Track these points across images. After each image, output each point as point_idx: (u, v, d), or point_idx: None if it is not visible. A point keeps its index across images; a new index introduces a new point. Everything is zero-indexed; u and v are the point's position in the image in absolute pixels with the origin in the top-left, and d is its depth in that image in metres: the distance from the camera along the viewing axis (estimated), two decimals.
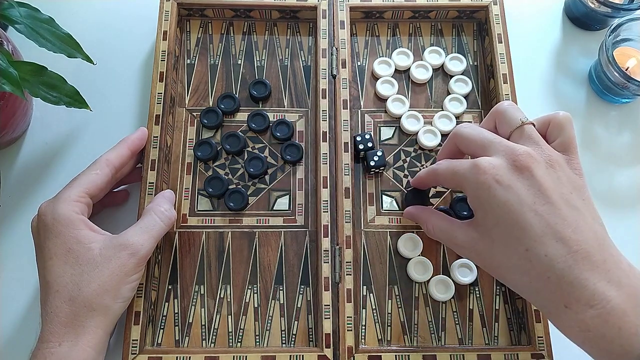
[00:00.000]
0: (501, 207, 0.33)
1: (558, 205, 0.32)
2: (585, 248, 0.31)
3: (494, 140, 0.36)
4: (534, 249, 0.32)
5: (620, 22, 0.51)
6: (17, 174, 0.50)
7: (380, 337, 0.44)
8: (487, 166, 0.34)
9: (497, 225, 0.34)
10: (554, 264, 0.31)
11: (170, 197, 0.45)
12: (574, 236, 0.32)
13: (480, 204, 0.35)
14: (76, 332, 0.37)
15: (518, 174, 0.33)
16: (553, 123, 0.36)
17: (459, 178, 0.36)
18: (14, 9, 0.42)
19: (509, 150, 0.34)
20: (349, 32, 0.52)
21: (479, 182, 0.34)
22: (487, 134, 0.37)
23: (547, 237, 0.32)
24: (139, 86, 0.54)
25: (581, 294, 0.31)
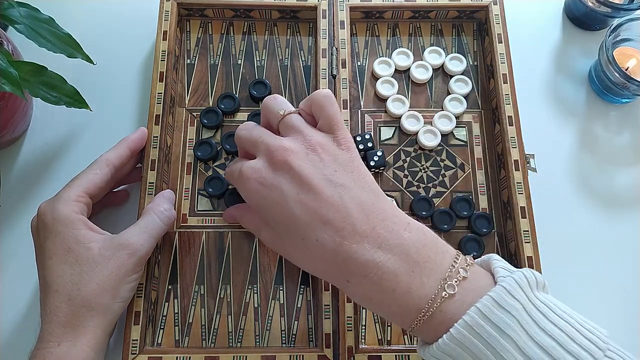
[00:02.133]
0: (271, 206, 0.35)
1: (319, 189, 0.33)
2: (351, 222, 0.32)
3: (257, 139, 0.37)
4: (307, 237, 0.33)
5: (620, 22, 0.51)
6: (17, 174, 0.50)
7: (380, 337, 0.44)
8: (249, 172, 0.36)
9: (275, 223, 0.36)
10: (326, 246, 0.33)
11: (170, 197, 0.45)
12: (337, 214, 0.33)
13: (256, 206, 0.36)
14: (75, 332, 0.37)
15: (278, 171, 0.35)
16: (313, 105, 0.37)
17: (234, 183, 0.39)
18: (14, 9, 0.42)
19: (267, 149, 0.36)
20: (349, 32, 0.52)
21: (246, 188, 0.36)
22: (255, 133, 0.38)
23: (315, 223, 0.33)
24: (139, 86, 0.54)
25: (355, 267, 0.32)
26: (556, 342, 0.29)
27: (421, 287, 0.31)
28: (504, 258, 0.47)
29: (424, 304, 0.31)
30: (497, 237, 0.48)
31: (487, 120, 0.52)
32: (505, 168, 0.48)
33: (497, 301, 0.29)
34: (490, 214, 0.48)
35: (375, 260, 0.32)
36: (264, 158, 0.36)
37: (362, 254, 0.32)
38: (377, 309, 0.33)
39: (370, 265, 0.32)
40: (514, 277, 0.30)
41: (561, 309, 0.31)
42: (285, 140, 0.36)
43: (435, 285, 0.31)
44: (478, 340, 0.29)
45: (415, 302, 0.31)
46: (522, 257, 0.44)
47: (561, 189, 0.51)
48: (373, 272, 0.32)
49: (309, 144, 0.35)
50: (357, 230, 0.32)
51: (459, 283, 0.31)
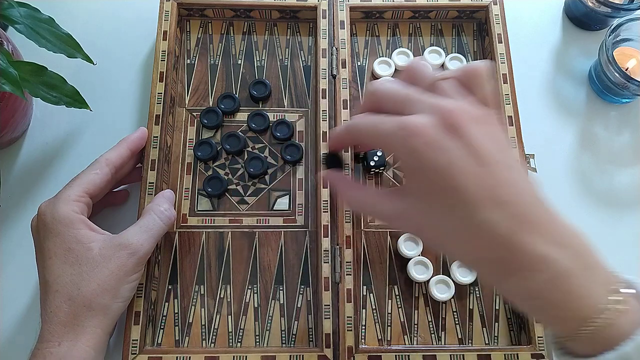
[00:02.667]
0: (435, 172, 0.29)
1: (494, 165, 0.29)
2: (525, 210, 0.29)
3: (415, 95, 0.31)
4: (473, 216, 0.28)
5: (620, 22, 0.51)
6: (17, 174, 0.50)
7: (380, 337, 0.44)
8: (415, 127, 0.29)
9: (431, 192, 0.30)
10: (496, 230, 0.28)
11: (170, 197, 0.45)
12: (513, 198, 0.29)
13: (411, 169, 0.31)
14: (75, 332, 0.37)
15: (450, 133, 0.29)
16: (473, 75, 0.32)
17: (384, 139, 0.31)
18: (14, 9, 0.42)
19: (438, 106, 0.30)
20: (349, 32, 0.52)
21: (407, 146, 0.29)
22: (409, 89, 0.32)
23: (486, 201, 0.28)
24: (139, 86, 0.54)
25: (527, 259, 0.28)
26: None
27: (591, 295, 0.28)
28: None
29: (594, 314, 0.28)
30: None
31: None
32: None
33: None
34: None
35: (551, 256, 0.28)
36: (433, 116, 0.29)
37: (537, 246, 0.28)
38: (539, 311, 0.30)
39: (546, 260, 0.28)
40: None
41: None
42: (454, 101, 0.30)
43: (605, 293, 0.28)
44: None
45: (584, 309, 0.28)
46: None
47: (561, 189, 0.51)
48: (545, 268, 0.28)
49: (475, 113, 0.30)
50: (531, 220, 0.28)
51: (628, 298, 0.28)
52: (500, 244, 0.28)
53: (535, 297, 0.29)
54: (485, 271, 0.31)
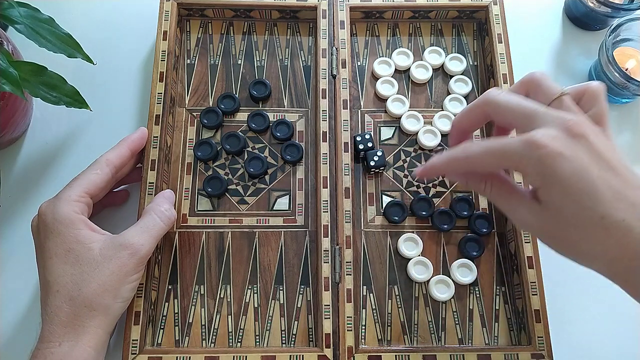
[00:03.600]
0: (569, 178, 0.31)
1: (619, 169, 0.31)
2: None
3: (539, 109, 0.33)
4: (609, 215, 0.30)
5: (620, 22, 0.51)
6: (17, 174, 0.50)
7: (380, 337, 0.44)
8: (545, 140, 0.31)
9: (566, 198, 0.32)
10: (633, 228, 0.30)
11: (170, 197, 0.45)
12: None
13: (545, 180, 0.32)
14: (76, 332, 0.37)
15: (576, 142, 0.31)
16: (588, 94, 0.35)
17: (512, 158, 0.33)
18: (14, 9, 0.42)
19: (560, 119, 0.32)
20: (349, 32, 0.52)
21: (540, 158, 0.31)
22: (529, 102, 0.34)
23: (620, 201, 0.30)
24: (139, 86, 0.54)
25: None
26: None
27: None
28: (504, 258, 0.47)
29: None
30: (497, 237, 0.48)
31: None
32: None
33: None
34: (490, 214, 0.48)
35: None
36: (557, 128, 0.32)
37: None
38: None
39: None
40: None
41: None
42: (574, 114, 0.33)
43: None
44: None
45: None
46: (522, 257, 0.44)
47: None
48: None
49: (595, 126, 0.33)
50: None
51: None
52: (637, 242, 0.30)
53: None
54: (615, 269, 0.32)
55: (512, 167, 0.35)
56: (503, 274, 0.47)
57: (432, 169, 0.38)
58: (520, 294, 0.44)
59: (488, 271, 0.47)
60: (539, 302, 0.43)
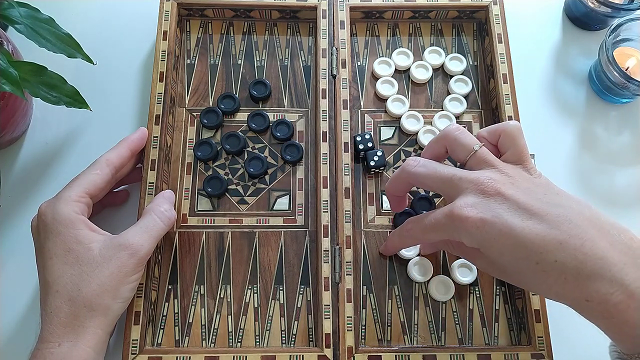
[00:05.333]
0: (497, 239, 0.33)
1: (542, 212, 0.33)
2: (589, 237, 0.32)
3: (452, 177, 0.36)
4: (542, 260, 0.32)
5: (620, 22, 0.51)
6: (17, 174, 0.50)
7: (380, 337, 0.44)
8: (467, 211, 0.34)
9: (502, 256, 0.34)
10: (566, 265, 0.31)
11: (170, 197, 0.45)
12: (573, 232, 0.32)
13: (479, 244, 0.35)
14: (76, 332, 0.37)
15: (494, 202, 0.34)
16: (504, 135, 0.37)
17: (446, 232, 0.36)
18: (14, 9, 0.42)
19: (474, 183, 0.35)
20: (349, 32, 0.52)
21: (467, 228, 0.34)
22: (444, 170, 0.37)
23: (550, 245, 0.32)
24: (139, 86, 0.54)
25: (599, 284, 0.31)
26: None
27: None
28: None
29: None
30: None
31: (487, 120, 0.52)
32: None
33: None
34: None
35: (623, 278, 0.30)
36: (472, 193, 0.34)
37: (608, 269, 0.31)
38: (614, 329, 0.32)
39: (618, 282, 0.30)
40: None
41: None
42: (488, 172, 0.35)
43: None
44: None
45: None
46: None
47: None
48: (621, 290, 0.30)
49: (507, 176, 0.35)
50: (596, 245, 0.31)
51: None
52: (575, 276, 0.31)
53: (610, 317, 0.31)
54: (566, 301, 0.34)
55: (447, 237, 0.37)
56: None
57: (389, 247, 0.45)
58: (520, 294, 0.44)
59: None
60: (539, 302, 0.43)
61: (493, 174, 0.35)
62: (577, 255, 0.31)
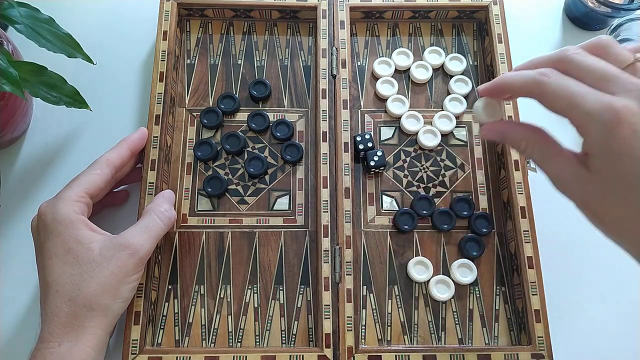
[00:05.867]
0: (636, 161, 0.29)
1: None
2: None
3: (620, 75, 0.31)
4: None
5: (620, 22, 0.51)
6: (17, 174, 0.50)
7: (380, 337, 0.44)
8: (625, 112, 0.29)
9: (622, 178, 0.29)
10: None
11: (170, 197, 0.45)
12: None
13: (606, 150, 0.30)
14: (76, 332, 0.37)
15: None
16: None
17: (582, 116, 0.30)
18: (14, 9, 0.42)
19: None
20: (349, 32, 0.52)
21: (612, 127, 0.29)
22: (609, 65, 0.31)
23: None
24: (139, 86, 0.54)
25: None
26: None
27: None
28: (504, 258, 0.47)
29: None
30: (497, 237, 0.48)
31: None
32: (505, 168, 0.48)
33: None
34: (490, 214, 0.48)
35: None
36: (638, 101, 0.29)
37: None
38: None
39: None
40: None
41: None
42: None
43: None
44: None
45: None
46: (522, 257, 0.44)
47: None
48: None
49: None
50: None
51: None
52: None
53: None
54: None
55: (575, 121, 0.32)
56: (503, 274, 0.47)
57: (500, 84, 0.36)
58: (520, 294, 0.44)
59: (488, 271, 0.47)
60: (539, 302, 0.43)
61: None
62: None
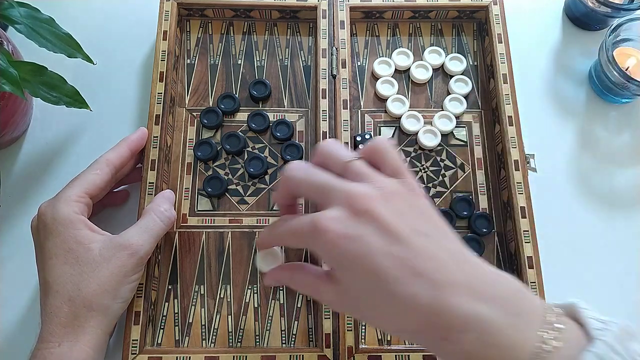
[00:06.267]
0: (354, 261, 0.31)
1: (408, 240, 0.30)
2: (445, 273, 0.30)
3: (326, 184, 0.33)
4: (396, 292, 0.30)
5: (620, 22, 0.51)
6: (17, 174, 0.50)
7: (380, 337, 0.44)
8: (329, 224, 0.31)
9: (356, 280, 0.31)
10: (419, 300, 0.29)
11: (170, 197, 0.45)
12: (430, 265, 0.30)
13: (334, 262, 0.32)
14: (75, 332, 0.37)
15: (361, 220, 0.31)
16: (374, 151, 0.35)
17: (303, 240, 0.34)
18: (14, 9, 0.42)
19: (346, 196, 0.32)
20: (349, 32, 0.52)
21: (324, 242, 0.31)
22: (321, 177, 0.34)
23: (406, 276, 0.29)
24: (139, 86, 0.54)
25: (453, 321, 0.29)
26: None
27: (524, 341, 0.28)
28: (504, 258, 0.47)
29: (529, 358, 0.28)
30: (497, 237, 0.48)
31: (487, 120, 0.52)
32: (505, 168, 0.48)
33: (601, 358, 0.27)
34: (490, 214, 0.48)
35: (477, 313, 0.29)
36: (341, 206, 0.31)
37: (461, 306, 0.29)
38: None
39: (471, 318, 0.28)
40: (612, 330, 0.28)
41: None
42: (362, 186, 0.32)
43: (536, 338, 0.28)
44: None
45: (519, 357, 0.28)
46: (522, 257, 0.44)
47: (561, 189, 0.51)
48: (474, 327, 0.28)
49: (383, 191, 0.32)
50: (453, 281, 0.29)
51: (558, 336, 0.28)
52: (427, 312, 0.29)
53: (469, 357, 0.29)
54: (422, 341, 0.31)
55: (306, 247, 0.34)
56: None
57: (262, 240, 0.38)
58: None
59: None
60: None
61: (367, 188, 0.32)
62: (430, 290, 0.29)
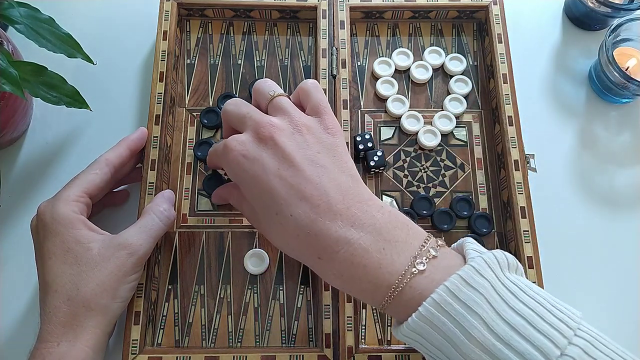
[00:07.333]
0: (251, 179, 0.35)
1: (301, 166, 0.34)
2: (327, 200, 0.33)
3: (245, 114, 0.38)
4: (281, 211, 0.34)
5: (620, 22, 0.51)
6: (17, 174, 0.50)
7: (380, 337, 0.44)
8: (234, 144, 0.36)
9: (252, 196, 0.36)
10: (299, 221, 0.33)
11: (170, 197, 0.45)
12: (315, 192, 0.34)
13: (237, 179, 0.37)
14: (75, 332, 0.37)
15: (262, 145, 0.35)
16: (301, 92, 0.39)
17: (217, 159, 0.39)
18: (14, 9, 0.42)
19: (255, 124, 0.36)
20: (349, 32, 0.52)
21: (229, 160, 0.36)
22: (243, 109, 0.38)
23: (292, 198, 0.34)
24: (139, 86, 0.54)
25: (327, 243, 0.33)
26: (525, 321, 0.29)
27: (391, 264, 0.32)
28: None
29: (394, 279, 0.32)
30: (497, 237, 0.48)
31: (487, 120, 0.52)
32: (505, 168, 0.48)
33: (465, 279, 0.30)
34: (490, 214, 0.48)
35: (347, 237, 0.33)
36: (250, 132, 0.36)
37: (335, 231, 0.33)
38: (347, 287, 0.34)
39: (342, 241, 0.33)
40: (483, 257, 0.31)
41: (534, 290, 0.31)
42: (273, 118, 0.37)
43: (406, 262, 0.32)
44: (446, 318, 0.29)
45: (385, 277, 0.32)
46: (522, 257, 0.44)
47: (561, 189, 0.51)
48: (344, 248, 0.33)
49: (295, 124, 0.36)
50: (332, 209, 0.33)
51: (429, 261, 0.32)
52: (305, 233, 0.33)
53: (339, 274, 0.33)
54: (302, 258, 0.36)
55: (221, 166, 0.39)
56: None
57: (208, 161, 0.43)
58: None
59: None
60: None
61: (278, 121, 0.36)
62: (310, 214, 0.33)
